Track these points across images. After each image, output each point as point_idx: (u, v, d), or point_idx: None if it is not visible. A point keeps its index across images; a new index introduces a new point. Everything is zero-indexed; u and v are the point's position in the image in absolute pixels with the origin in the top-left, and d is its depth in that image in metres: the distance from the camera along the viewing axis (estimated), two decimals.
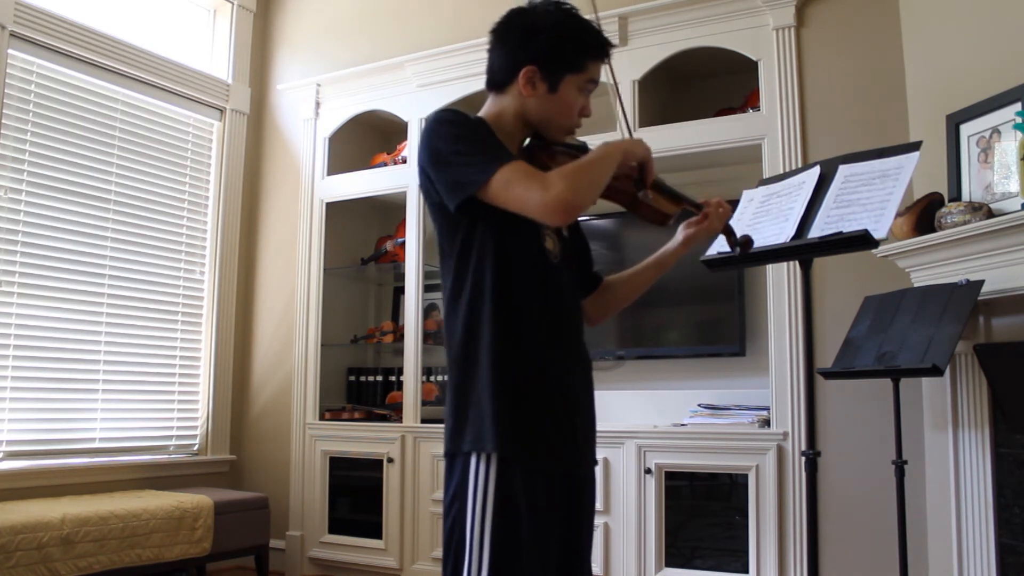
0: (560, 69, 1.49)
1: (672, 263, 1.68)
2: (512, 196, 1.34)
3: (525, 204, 1.35)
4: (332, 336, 4.13)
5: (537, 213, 1.35)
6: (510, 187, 1.34)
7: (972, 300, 2.26)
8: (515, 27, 1.52)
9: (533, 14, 1.51)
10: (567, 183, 1.34)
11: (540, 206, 1.34)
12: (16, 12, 3.44)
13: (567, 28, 1.49)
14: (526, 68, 1.48)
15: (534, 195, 1.33)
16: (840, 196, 1.94)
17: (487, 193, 1.36)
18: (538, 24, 1.49)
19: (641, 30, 3.37)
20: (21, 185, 3.48)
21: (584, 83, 1.52)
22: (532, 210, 1.35)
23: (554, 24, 1.49)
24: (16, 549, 2.80)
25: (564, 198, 1.33)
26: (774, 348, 3.02)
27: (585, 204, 1.37)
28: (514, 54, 1.50)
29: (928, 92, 2.81)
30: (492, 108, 1.55)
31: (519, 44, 1.50)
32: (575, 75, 1.50)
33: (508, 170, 1.35)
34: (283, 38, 4.61)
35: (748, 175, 3.09)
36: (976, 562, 2.40)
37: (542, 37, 1.48)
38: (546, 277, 1.49)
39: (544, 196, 1.33)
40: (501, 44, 1.54)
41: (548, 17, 1.50)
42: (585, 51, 1.50)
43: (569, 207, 1.34)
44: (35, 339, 3.50)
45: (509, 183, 1.34)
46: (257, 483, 4.21)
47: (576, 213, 1.38)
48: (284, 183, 4.41)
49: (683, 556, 3.03)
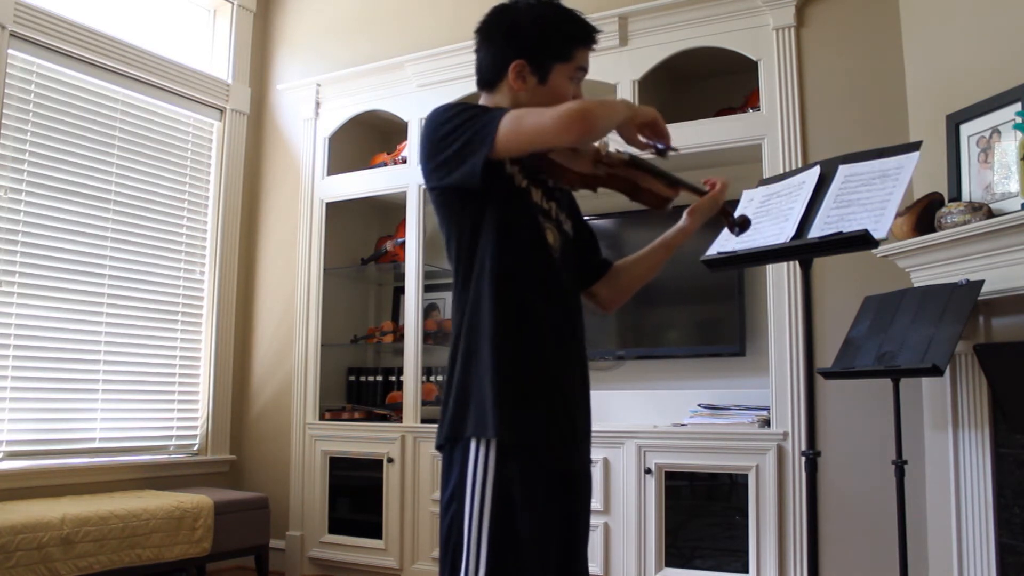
0: (548, 59, 1.50)
1: (680, 242, 1.69)
2: (526, 129, 1.34)
3: (541, 127, 1.33)
4: (332, 336, 4.13)
5: (554, 130, 1.32)
6: (522, 122, 1.34)
7: (972, 300, 2.26)
8: (499, 24, 1.53)
9: (515, 10, 1.52)
10: (579, 101, 1.38)
11: (556, 121, 1.32)
12: (16, 12, 3.44)
13: (551, 18, 1.51)
14: (514, 62, 1.49)
15: (547, 116, 1.33)
16: (840, 196, 1.94)
17: (499, 143, 1.34)
18: (521, 18, 1.50)
19: (641, 30, 3.37)
20: (21, 185, 3.48)
21: (573, 71, 1.53)
22: (549, 129, 1.33)
23: (537, 16, 1.50)
24: (16, 549, 2.80)
25: (579, 108, 1.33)
26: (774, 348, 3.02)
27: (598, 120, 1.35)
28: (501, 51, 1.51)
29: (928, 92, 2.81)
30: (486, 105, 1.55)
31: (505, 40, 1.51)
32: (563, 64, 1.51)
33: (512, 113, 1.36)
34: (283, 38, 4.61)
35: (748, 175, 3.09)
36: (976, 562, 2.39)
37: (527, 30, 1.49)
38: (547, 271, 1.49)
39: (558, 112, 1.33)
40: (487, 42, 1.55)
41: (531, 10, 1.51)
42: (571, 39, 1.51)
43: (585, 115, 1.33)
44: (35, 339, 3.50)
45: (519, 119, 1.35)
46: (257, 483, 4.21)
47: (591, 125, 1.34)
48: (284, 183, 4.41)
49: (683, 556, 3.03)
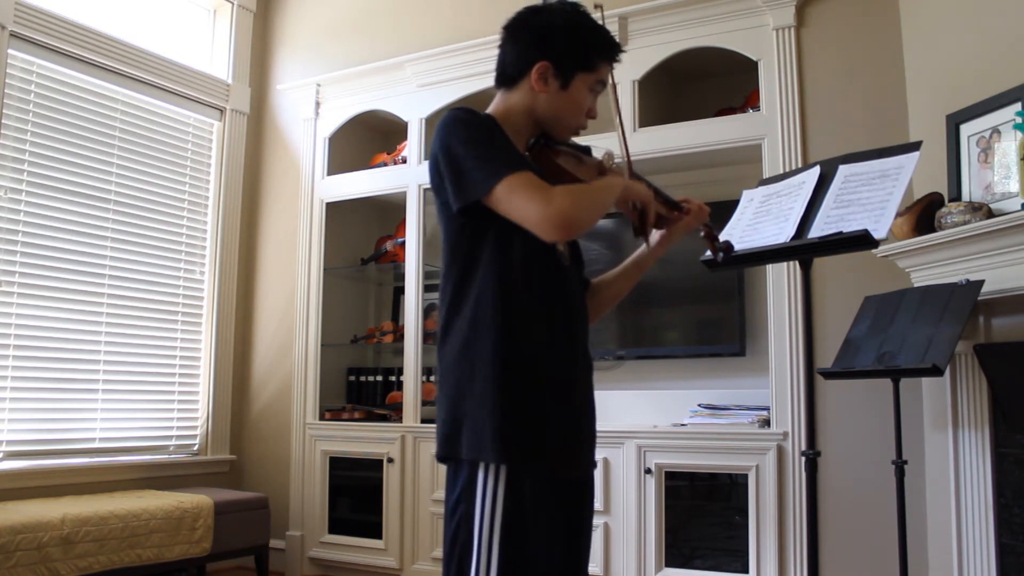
0: (574, 67, 1.50)
1: (651, 263, 1.69)
2: (514, 205, 1.34)
3: (525, 213, 1.34)
4: (332, 336, 4.13)
5: (535, 223, 1.34)
6: (513, 195, 1.34)
7: (972, 300, 2.26)
8: (530, 24, 1.54)
9: (549, 13, 1.53)
10: (570, 200, 1.35)
11: (540, 217, 1.33)
12: (16, 12, 3.44)
13: (583, 28, 1.52)
14: (540, 63, 1.49)
15: (535, 206, 1.33)
16: (840, 196, 1.94)
17: (491, 199, 1.36)
18: (554, 23, 1.51)
19: (641, 30, 3.37)
20: (21, 185, 3.48)
21: (594, 83, 1.54)
22: (531, 220, 1.34)
23: (570, 24, 1.51)
24: (16, 549, 2.80)
25: (566, 213, 1.33)
26: (774, 348, 3.02)
27: (583, 223, 1.37)
28: (528, 50, 1.51)
29: (928, 92, 2.81)
30: (501, 104, 1.56)
31: (534, 40, 1.52)
32: (587, 74, 1.52)
33: (515, 178, 1.35)
34: (283, 38, 4.61)
35: (748, 175, 3.09)
36: (976, 562, 2.39)
37: (558, 35, 1.50)
38: (557, 278, 1.48)
39: (546, 209, 1.32)
40: (514, 40, 1.55)
41: (564, 16, 1.52)
42: (598, 51, 1.52)
43: (569, 221, 1.34)
44: (35, 339, 3.51)
45: (513, 190, 1.34)
46: (257, 483, 4.21)
47: (573, 230, 1.37)
48: (284, 183, 4.41)
49: (683, 556, 3.03)
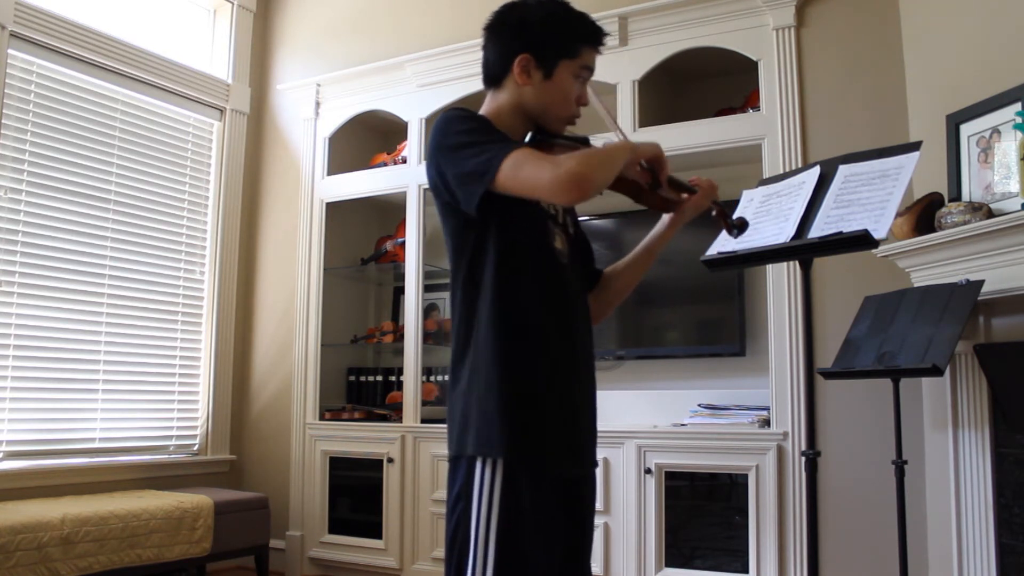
0: (554, 55, 1.50)
1: (663, 246, 1.67)
2: (523, 177, 1.33)
3: (536, 182, 1.32)
4: (332, 336, 4.13)
5: (548, 189, 1.32)
6: (520, 169, 1.33)
7: (972, 300, 2.26)
8: (507, 20, 1.54)
9: (525, 7, 1.53)
10: (578, 160, 1.33)
11: (551, 181, 1.31)
12: (16, 12, 3.44)
13: (559, 15, 1.52)
14: (520, 56, 1.49)
15: (545, 172, 1.32)
16: (840, 196, 1.94)
17: (498, 181, 1.34)
18: (530, 14, 1.52)
19: (641, 30, 3.36)
20: (21, 185, 3.48)
21: (579, 70, 1.52)
22: (543, 186, 1.32)
23: (546, 13, 1.51)
24: (16, 549, 2.80)
25: (576, 171, 1.31)
26: (774, 348, 3.02)
27: (595, 181, 1.34)
28: (508, 45, 1.52)
29: (928, 92, 2.81)
30: (491, 105, 1.56)
31: (512, 35, 1.52)
32: (569, 61, 1.51)
33: (518, 154, 1.35)
34: (283, 38, 4.61)
35: (748, 175, 3.09)
36: (976, 562, 2.39)
37: (534, 24, 1.50)
38: (556, 277, 1.48)
39: (556, 171, 1.31)
40: (495, 38, 1.55)
41: (540, 7, 1.52)
42: (578, 37, 1.52)
43: (581, 180, 1.31)
44: (35, 339, 3.50)
45: (519, 165, 1.33)
46: (257, 483, 4.21)
47: (587, 189, 1.33)
48: (284, 183, 4.41)
49: (683, 556, 3.03)
